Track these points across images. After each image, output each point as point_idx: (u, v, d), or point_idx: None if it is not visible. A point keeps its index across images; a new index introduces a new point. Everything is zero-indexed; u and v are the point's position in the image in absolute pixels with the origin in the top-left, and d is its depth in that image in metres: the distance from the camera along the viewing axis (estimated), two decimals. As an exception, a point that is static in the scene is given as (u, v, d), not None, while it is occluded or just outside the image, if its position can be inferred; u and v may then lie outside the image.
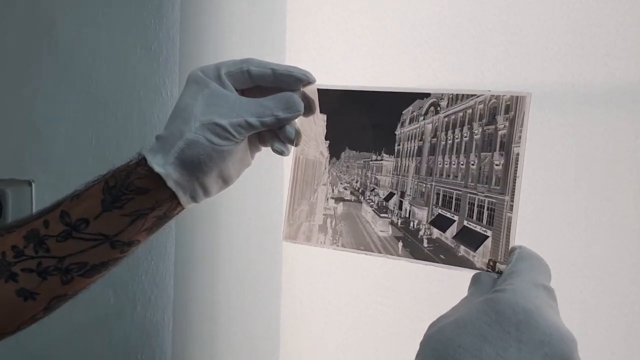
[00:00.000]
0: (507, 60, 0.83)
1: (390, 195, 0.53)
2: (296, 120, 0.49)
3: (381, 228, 0.52)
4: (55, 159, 0.96)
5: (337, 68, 0.95)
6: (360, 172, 0.55)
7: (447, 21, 0.87)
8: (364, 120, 0.53)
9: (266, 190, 1.00)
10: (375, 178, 0.54)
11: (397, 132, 0.52)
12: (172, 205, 0.48)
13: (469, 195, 0.48)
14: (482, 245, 0.46)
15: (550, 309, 0.37)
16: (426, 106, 0.51)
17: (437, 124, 0.51)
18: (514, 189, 0.45)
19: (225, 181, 0.50)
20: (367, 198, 0.54)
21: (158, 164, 0.46)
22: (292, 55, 0.97)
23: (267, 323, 0.96)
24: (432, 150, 0.51)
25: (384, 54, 0.91)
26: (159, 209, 0.47)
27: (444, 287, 0.88)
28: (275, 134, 0.50)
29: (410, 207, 0.51)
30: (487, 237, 0.46)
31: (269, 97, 0.47)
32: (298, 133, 0.50)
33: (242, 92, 0.50)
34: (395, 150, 0.52)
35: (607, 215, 0.78)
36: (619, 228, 0.77)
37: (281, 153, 0.50)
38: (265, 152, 0.52)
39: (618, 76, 0.78)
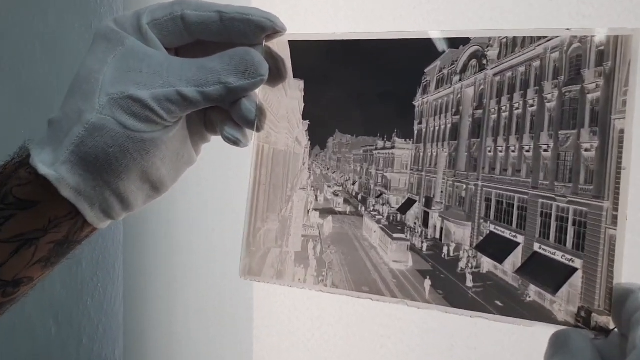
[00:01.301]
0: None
1: (409, 203, 0.45)
2: (257, 90, 0.42)
3: (395, 257, 0.43)
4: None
5: (320, 11, 0.78)
6: (359, 169, 0.47)
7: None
8: (363, 86, 0.44)
9: (234, 194, 0.91)
10: (384, 177, 0.46)
11: (416, 103, 0.43)
12: (77, 225, 0.41)
13: (541, 201, 0.39)
14: (566, 284, 0.37)
15: None
16: (464, 58, 0.42)
17: (483, 86, 0.42)
18: (619, 188, 0.36)
19: (155, 187, 0.42)
20: (372, 209, 0.46)
21: (45, 163, 0.39)
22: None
23: (237, 358, 0.92)
24: (476, 130, 0.42)
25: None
26: (55, 231, 0.40)
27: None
28: (226, 113, 0.43)
29: (443, 222, 0.43)
30: (575, 269, 0.37)
31: (214, 56, 0.40)
32: (260, 110, 0.43)
33: (177, 52, 0.44)
34: (415, 132, 0.44)
35: None
36: None
37: (235, 142, 0.43)
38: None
39: None
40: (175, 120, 0.40)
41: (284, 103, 0.46)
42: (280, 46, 0.43)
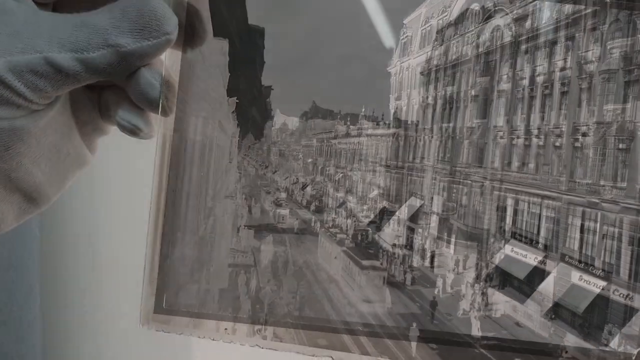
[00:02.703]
0: None
1: (385, 215, 0.38)
2: (163, 56, 0.36)
3: (367, 294, 0.37)
4: None
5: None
6: (311, 166, 0.41)
7: None
8: (316, 45, 0.37)
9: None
10: (347, 178, 0.40)
11: (391, 69, 0.37)
12: None
13: (580, 209, 0.33)
14: (621, 332, 0.32)
15: None
16: (461, 2, 0.36)
17: (489, 43, 0.35)
18: (695, 191, 0.29)
19: (30, 197, 0.36)
20: (331, 224, 0.40)
21: None
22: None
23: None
24: (482, 106, 0.36)
25: None
26: None
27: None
28: (121, 91, 0.36)
29: (435, 242, 0.36)
30: (635, 311, 0.31)
31: (101, 9, 0.34)
32: (167, 85, 0.36)
33: (55, 8, 0.37)
34: (392, 112, 0.37)
35: None
36: None
37: (132, 131, 0.36)
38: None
39: None
40: (48, 101, 0.34)
41: (202, 75, 0.39)
42: None
